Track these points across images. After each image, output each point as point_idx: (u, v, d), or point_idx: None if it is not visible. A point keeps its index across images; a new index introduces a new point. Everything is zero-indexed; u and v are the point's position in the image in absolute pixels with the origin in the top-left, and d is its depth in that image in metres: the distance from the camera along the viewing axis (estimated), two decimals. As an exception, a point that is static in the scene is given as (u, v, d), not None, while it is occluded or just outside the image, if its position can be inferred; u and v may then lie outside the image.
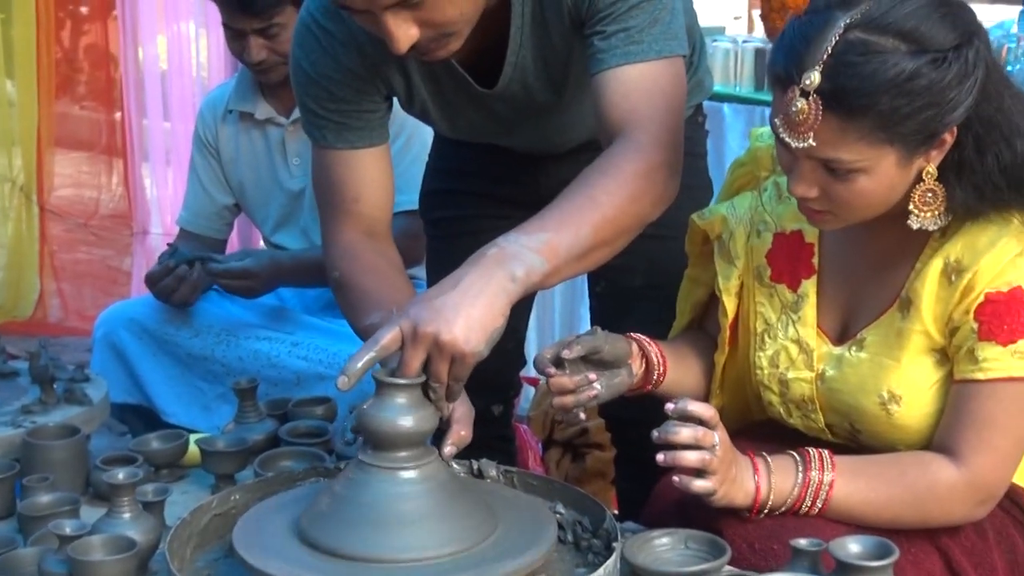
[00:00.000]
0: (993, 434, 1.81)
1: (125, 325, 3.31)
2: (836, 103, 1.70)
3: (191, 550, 1.87)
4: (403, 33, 1.90)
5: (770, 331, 2.05)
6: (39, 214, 5.74)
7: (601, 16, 2.02)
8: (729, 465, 1.78)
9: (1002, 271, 1.80)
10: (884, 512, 1.82)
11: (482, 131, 2.38)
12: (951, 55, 1.70)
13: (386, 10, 1.86)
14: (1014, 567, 1.87)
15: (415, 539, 1.70)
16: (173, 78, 5.40)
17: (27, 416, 2.40)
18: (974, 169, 1.79)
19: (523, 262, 1.80)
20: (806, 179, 1.80)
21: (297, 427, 2.34)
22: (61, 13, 5.72)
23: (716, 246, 2.13)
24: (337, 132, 2.24)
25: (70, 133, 5.97)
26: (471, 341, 1.72)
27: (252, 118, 3.34)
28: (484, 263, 1.79)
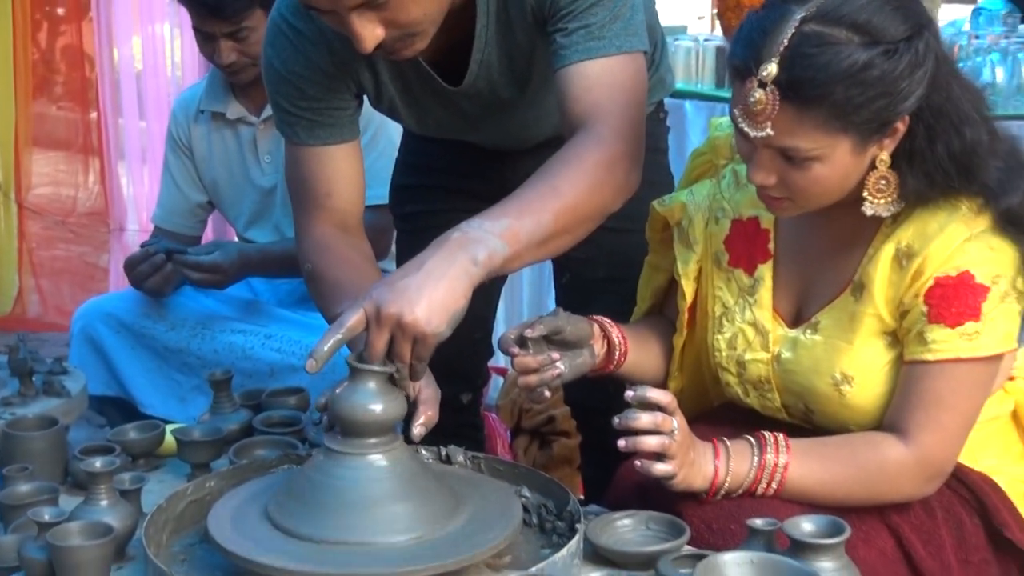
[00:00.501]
0: (941, 413, 1.83)
1: (102, 319, 3.31)
2: (792, 93, 1.72)
3: (167, 535, 1.88)
4: (369, 33, 1.90)
5: (728, 314, 2.07)
6: (17, 212, 5.71)
7: (563, 13, 2.03)
8: (687, 449, 1.80)
9: (951, 256, 1.82)
10: (837, 491, 1.85)
11: (449, 127, 2.38)
12: (902, 46, 1.72)
13: (351, 11, 1.87)
14: (961, 543, 1.89)
15: (383, 522, 1.72)
16: (148, 78, 5.38)
17: (7, 408, 2.41)
18: (925, 157, 1.81)
19: (485, 246, 1.81)
20: (764, 167, 1.82)
21: (270, 417, 2.34)
22: (37, 15, 5.69)
23: (676, 232, 2.14)
24: (309, 129, 2.25)
25: (47, 133, 5.94)
26: (433, 322, 1.73)
27: (224, 118, 3.34)
28: (447, 247, 1.80)
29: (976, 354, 1.83)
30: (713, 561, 1.62)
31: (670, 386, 2.15)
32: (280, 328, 3.23)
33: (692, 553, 1.73)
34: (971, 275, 1.82)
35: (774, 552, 1.65)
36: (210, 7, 3.06)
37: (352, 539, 1.70)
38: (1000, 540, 1.92)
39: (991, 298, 1.82)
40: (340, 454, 1.76)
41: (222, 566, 1.76)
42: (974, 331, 1.81)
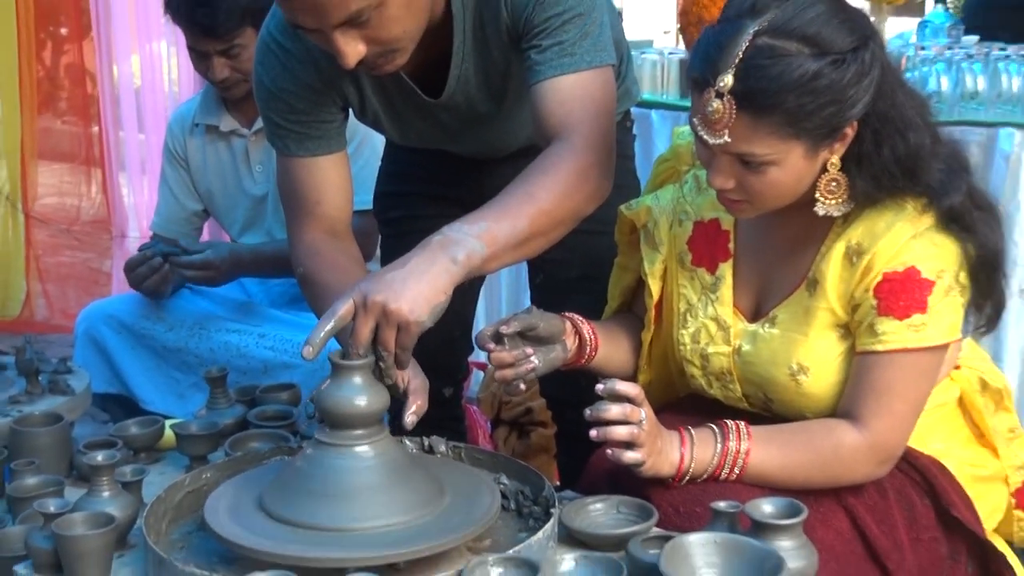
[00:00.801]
0: (891, 400, 1.84)
1: (105, 321, 3.30)
2: (748, 102, 1.72)
3: (166, 524, 1.88)
4: (351, 49, 1.91)
5: (691, 310, 2.07)
6: (25, 221, 5.69)
7: (536, 31, 2.03)
8: (655, 438, 1.80)
9: (898, 252, 1.83)
10: (796, 474, 1.85)
11: (429, 138, 2.38)
12: (849, 56, 1.73)
13: (335, 29, 1.87)
14: (912, 522, 1.90)
15: (369, 509, 1.71)
16: (146, 94, 5.37)
17: (15, 406, 2.39)
18: (872, 160, 1.82)
19: (464, 247, 1.82)
20: (723, 172, 1.82)
21: (264, 411, 2.34)
22: (42, 34, 5.66)
23: (642, 234, 2.15)
24: (298, 141, 2.24)
25: (52, 146, 5.92)
26: (415, 311, 1.74)
27: (217, 130, 3.33)
28: (430, 247, 1.82)
29: (923, 344, 1.83)
30: (680, 542, 1.62)
31: (639, 379, 2.16)
32: (273, 328, 3.22)
33: (660, 535, 1.73)
34: (917, 270, 1.82)
35: (737, 533, 1.65)
36: (203, 27, 3.05)
37: (341, 525, 1.70)
38: (949, 519, 1.93)
39: (936, 292, 1.82)
40: (328, 446, 1.76)
41: (218, 552, 1.76)
42: (921, 323, 1.82)
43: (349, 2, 1.85)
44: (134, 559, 1.80)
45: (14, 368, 2.57)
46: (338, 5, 1.85)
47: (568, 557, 1.73)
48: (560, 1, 2.02)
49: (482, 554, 1.70)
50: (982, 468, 2.03)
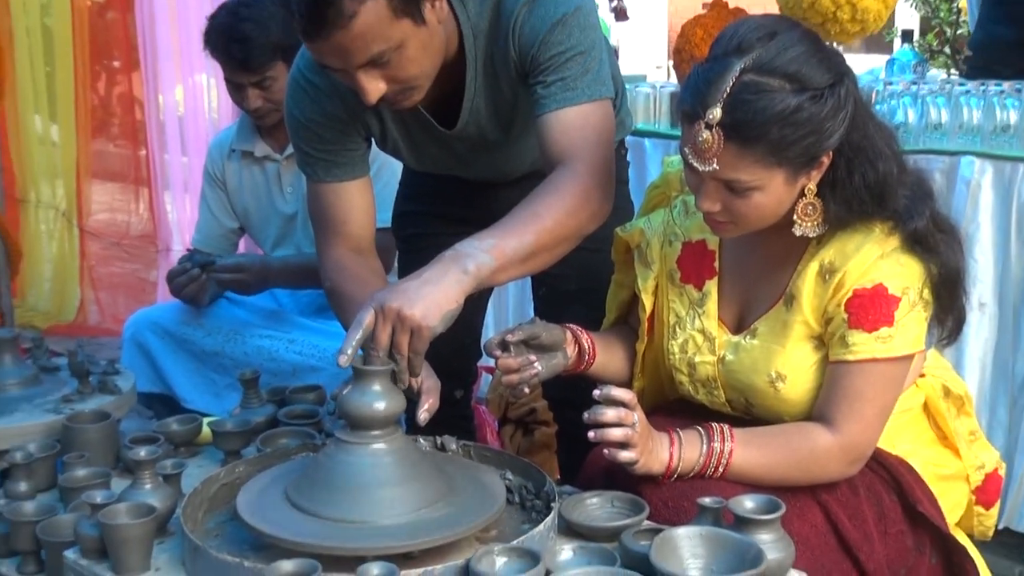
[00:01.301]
0: (862, 405, 1.83)
1: (150, 327, 3.29)
2: (735, 134, 1.72)
3: (202, 514, 1.87)
4: (373, 87, 1.92)
5: (680, 323, 2.06)
6: (79, 235, 5.70)
7: (542, 68, 2.03)
8: (647, 439, 1.79)
9: (867, 271, 1.82)
10: (774, 472, 1.84)
11: (443, 164, 2.38)
12: (827, 92, 1.73)
13: (358, 69, 1.89)
14: (881, 517, 1.89)
15: (385, 502, 1.71)
16: (189, 120, 5.37)
17: (67, 404, 2.39)
18: (845, 186, 1.81)
19: (475, 259, 1.83)
20: (711, 196, 1.81)
21: (293, 410, 2.33)
22: (96, 66, 5.68)
23: (636, 254, 2.14)
24: (326, 169, 2.24)
25: (104, 167, 5.94)
26: (428, 317, 1.75)
27: (252, 156, 3.33)
28: (443, 260, 1.83)
29: (890, 354, 1.83)
30: (669, 535, 1.61)
31: (634, 385, 2.15)
32: (301, 334, 3.21)
33: (651, 527, 1.73)
34: (884, 287, 1.82)
35: (720, 527, 1.65)
36: (238, 61, 3.05)
37: (360, 517, 1.69)
38: (914, 514, 1.92)
39: (902, 306, 1.82)
40: (350, 444, 1.76)
41: (249, 540, 1.76)
42: (888, 335, 1.81)
43: (371, 45, 1.86)
44: (172, 546, 1.79)
45: (67, 369, 2.58)
46: (361, 48, 1.86)
47: (567, 547, 1.73)
48: (563, 40, 2.01)
49: (489, 544, 1.69)
50: (945, 468, 2.02)
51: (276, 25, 3.00)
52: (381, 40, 1.87)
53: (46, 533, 1.84)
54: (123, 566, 1.70)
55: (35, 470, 2.10)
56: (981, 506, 2.10)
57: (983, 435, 2.14)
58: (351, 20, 1.82)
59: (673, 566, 1.55)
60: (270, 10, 3.04)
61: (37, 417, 2.34)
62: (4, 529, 1.94)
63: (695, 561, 1.60)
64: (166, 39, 5.24)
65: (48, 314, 5.74)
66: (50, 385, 2.52)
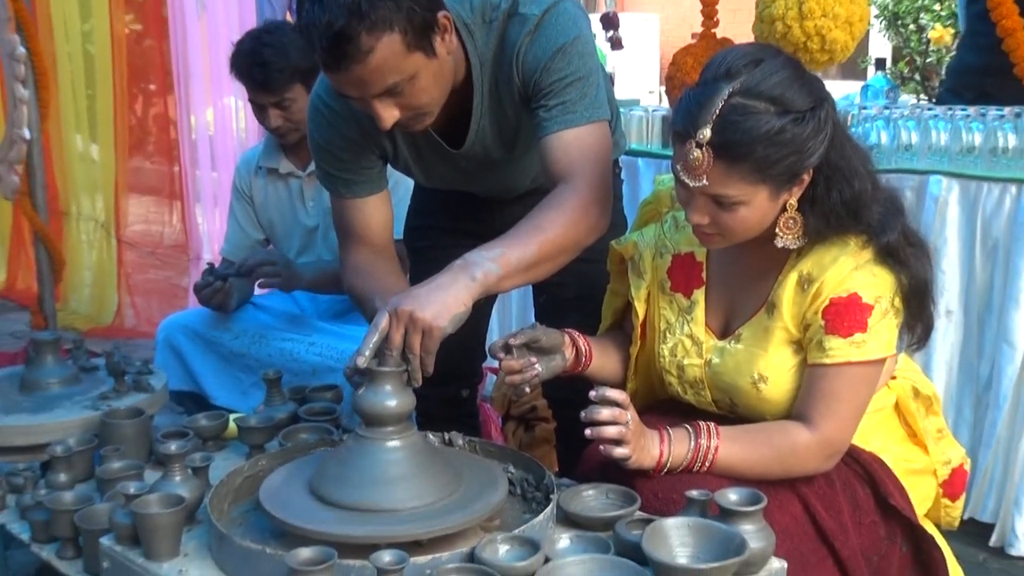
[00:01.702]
0: (837, 405, 1.83)
1: (181, 330, 3.29)
2: (723, 152, 1.72)
3: (228, 504, 1.87)
4: (388, 114, 1.93)
5: (670, 329, 2.06)
6: (117, 245, 5.70)
7: (544, 93, 2.03)
8: (639, 436, 1.79)
9: (842, 281, 1.82)
10: (756, 467, 1.83)
11: (451, 180, 2.37)
12: (808, 114, 1.73)
13: (374, 98, 1.90)
14: (855, 508, 1.88)
15: (399, 493, 1.71)
16: (219, 139, 5.37)
17: (104, 401, 2.39)
18: (823, 202, 1.81)
19: (482, 267, 1.83)
20: (700, 210, 1.81)
21: (312, 408, 2.33)
22: (134, 89, 5.68)
23: (629, 265, 2.14)
24: (346, 186, 2.24)
25: (140, 182, 5.94)
26: (438, 318, 1.76)
27: (277, 172, 3.33)
28: (452, 268, 1.84)
29: (864, 358, 1.82)
30: (659, 525, 1.61)
31: (627, 387, 2.14)
32: (321, 337, 3.20)
33: (642, 518, 1.73)
34: (859, 296, 1.81)
35: (707, 517, 1.65)
36: (258, 83, 3.05)
37: (374, 506, 1.70)
38: (886, 506, 1.91)
39: (875, 314, 1.81)
40: (365, 439, 1.76)
41: (270, 528, 1.76)
42: (862, 340, 1.81)
43: (386, 77, 1.86)
44: (200, 533, 1.79)
45: (105, 369, 2.59)
46: (377, 80, 1.86)
47: (564, 536, 1.73)
48: (563, 67, 2.01)
49: (492, 533, 1.69)
50: (914, 463, 2.01)
51: (295, 50, 3.01)
52: (396, 72, 1.87)
53: (84, 521, 1.84)
54: (154, 552, 1.70)
55: (74, 462, 2.10)
56: (948, 499, 2.09)
57: (950, 433, 2.13)
58: (368, 55, 1.82)
59: (663, 554, 1.55)
60: (289, 37, 3.06)
61: (76, 413, 2.34)
62: (45, 517, 1.95)
63: (683, 549, 1.60)
64: (198, 65, 5.25)
65: (88, 317, 5.75)
66: (89, 383, 2.53)
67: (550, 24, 2.01)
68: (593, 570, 1.57)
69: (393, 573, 1.44)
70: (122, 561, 1.73)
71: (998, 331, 2.99)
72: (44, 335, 2.54)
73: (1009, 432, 2.99)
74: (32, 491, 2.05)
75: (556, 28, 2.02)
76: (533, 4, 2.03)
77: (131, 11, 5.59)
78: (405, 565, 1.45)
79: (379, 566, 1.45)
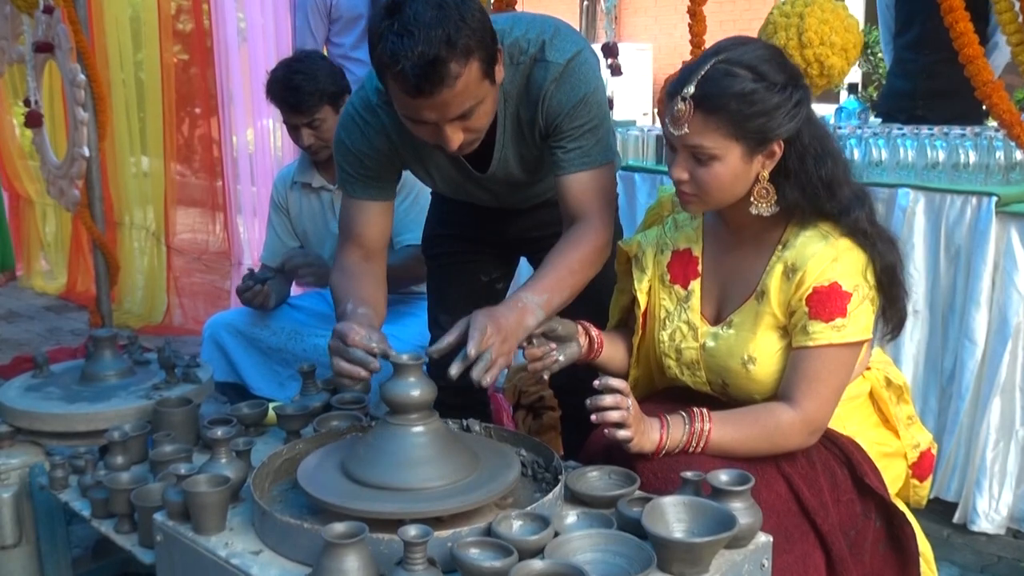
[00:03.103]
0: (819, 385, 1.82)
1: (225, 328, 3.29)
2: (702, 103, 1.77)
3: (268, 483, 1.87)
4: (456, 137, 1.91)
5: (669, 317, 2.05)
6: (166, 252, 5.72)
7: (562, 136, 2.05)
8: (639, 422, 1.78)
9: (823, 271, 1.82)
10: (746, 445, 1.82)
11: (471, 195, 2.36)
12: (780, 87, 1.77)
13: (448, 122, 1.88)
14: (834, 486, 1.87)
15: (423, 474, 1.70)
16: (258, 157, 5.38)
17: (156, 391, 2.40)
18: (798, 174, 1.83)
19: (535, 316, 1.91)
20: (680, 166, 1.84)
21: (343, 397, 2.32)
22: (181, 112, 5.70)
23: (633, 261, 2.13)
24: (361, 188, 2.21)
25: (188, 195, 5.96)
26: (512, 350, 1.86)
27: (310, 187, 3.33)
28: (518, 311, 1.89)
29: (843, 340, 1.81)
30: (657, 502, 1.60)
31: (630, 374, 2.14)
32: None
33: (642, 496, 1.72)
34: (839, 285, 1.81)
35: (700, 496, 1.63)
36: (291, 105, 3.07)
37: (401, 485, 1.69)
38: (862, 485, 1.90)
39: (853, 301, 1.81)
40: (392, 425, 1.75)
41: (307, 505, 1.75)
42: (842, 324, 1.80)
43: (465, 101, 1.85)
44: (244, 510, 1.78)
45: (156, 363, 2.58)
46: (458, 104, 1.85)
47: (571, 513, 1.72)
48: (583, 115, 2.04)
49: (507, 510, 1.68)
50: (887, 446, 2.00)
51: (323, 76, 3.04)
52: (472, 97, 1.85)
53: (139, 499, 1.84)
54: (202, 527, 1.70)
55: (130, 446, 2.10)
56: (916, 479, 2.08)
57: (918, 419, 2.12)
58: (456, 80, 1.79)
59: (661, 529, 1.54)
60: (319, 64, 3.10)
61: (131, 402, 2.34)
62: (104, 495, 1.95)
63: (679, 525, 1.59)
64: (239, 90, 5.26)
65: (140, 316, 5.76)
66: (142, 376, 2.53)
67: (573, 74, 2.02)
68: (598, 543, 1.56)
69: (418, 546, 1.43)
70: (173, 535, 1.73)
71: (960, 329, 2.98)
72: (102, 332, 2.54)
73: (970, 420, 2.98)
74: (92, 472, 2.05)
75: (579, 78, 2.03)
76: (558, 52, 2.03)
77: (179, 42, 5.61)
78: (429, 539, 1.45)
79: (405, 539, 1.44)
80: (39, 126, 4.75)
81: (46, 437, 2.28)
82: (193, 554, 1.69)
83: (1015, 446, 2.94)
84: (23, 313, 6.15)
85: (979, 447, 2.95)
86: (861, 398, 2.01)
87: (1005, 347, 2.88)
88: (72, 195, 4.65)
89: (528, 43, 2.04)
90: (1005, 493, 2.95)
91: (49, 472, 2.12)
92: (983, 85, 2.77)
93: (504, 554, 1.48)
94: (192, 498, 1.69)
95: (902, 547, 1.96)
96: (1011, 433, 2.94)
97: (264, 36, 5.17)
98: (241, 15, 5.22)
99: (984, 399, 2.93)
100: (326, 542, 1.44)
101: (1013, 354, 2.89)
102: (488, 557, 1.49)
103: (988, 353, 2.93)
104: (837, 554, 1.82)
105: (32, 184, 6.85)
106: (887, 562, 1.96)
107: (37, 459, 2.23)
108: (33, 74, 4.69)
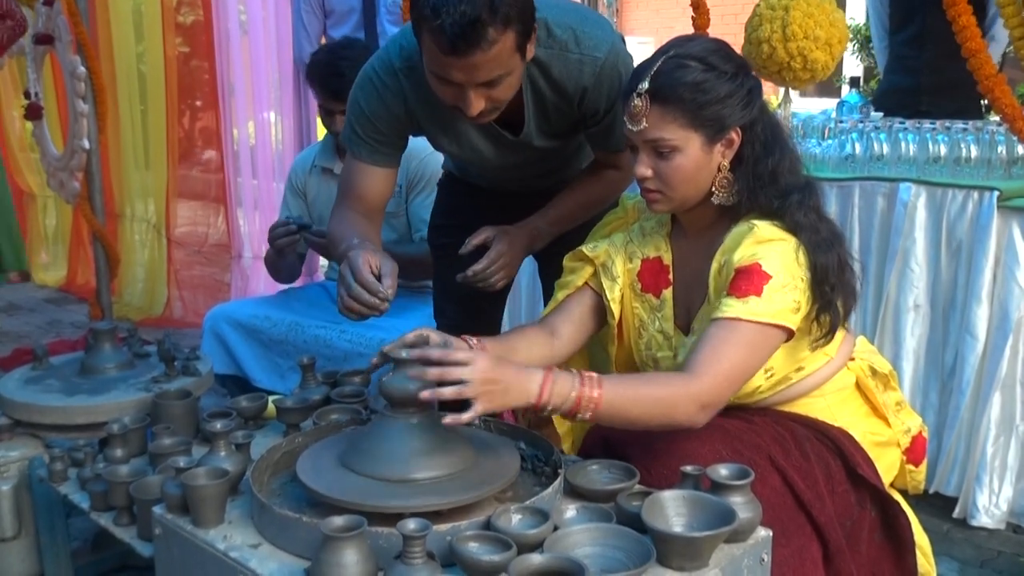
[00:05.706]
0: (719, 360, 1.73)
1: (225, 320, 3.29)
2: (657, 96, 1.80)
3: (268, 476, 1.86)
4: (478, 103, 1.93)
5: (644, 326, 2.04)
6: (166, 244, 5.71)
7: (599, 119, 2.18)
8: (493, 382, 1.63)
9: (747, 253, 1.79)
10: (634, 411, 1.70)
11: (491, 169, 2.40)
12: (729, 76, 1.81)
13: (474, 87, 1.89)
14: (829, 478, 1.86)
15: (422, 466, 1.70)
16: (258, 150, 5.36)
17: (156, 384, 2.39)
18: (749, 164, 1.85)
19: (542, 237, 2.27)
20: (644, 162, 1.85)
21: (343, 390, 2.32)
22: (182, 105, 5.69)
23: (602, 270, 2.08)
24: (368, 151, 2.22)
25: (189, 188, 5.94)
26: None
27: (331, 172, 3.33)
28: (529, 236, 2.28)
29: (751, 317, 1.74)
30: (657, 497, 1.60)
31: None
32: (351, 326, 3.18)
33: (642, 491, 1.72)
34: (759, 265, 1.76)
35: (700, 491, 1.63)
36: (333, 91, 3.09)
37: (400, 479, 1.68)
38: (856, 476, 1.90)
39: (772, 284, 1.75)
40: (391, 418, 1.75)
41: (306, 499, 1.75)
42: (754, 301, 1.74)
43: (495, 69, 1.88)
44: (243, 503, 1.78)
45: (156, 355, 2.58)
46: (488, 70, 1.87)
47: (571, 507, 1.72)
48: (611, 99, 2.13)
49: (506, 503, 1.68)
50: (879, 435, 2.00)
51: None
52: (502, 66, 1.88)
53: (138, 492, 1.84)
54: (201, 519, 1.70)
55: (129, 439, 2.10)
56: (911, 464, 2.08)
57: (907, 404, 2.11)
58: (491, 46, 1.82)
59: (660, 523, 1.54)
60: (362, 52, 3.06)
61: (131, 395, 2.34)
62: (103, 488, 1.95)
63: (679, 519, 1.59)
64: (240, 83, 5.25)
65: (140, 309, 5.76)
66: (142, 368, 2.53)
67: (612, 69, 2.11)
68: (597, 538, 1.56)
69: (417, 540, 1.43)
70: (172, 528, 1.73)
71: (961, 323, 2.98)
72: (102, 325, 2.54)
73: (971, 415, 2.98)
74: (91, 465, 2.05)
75: (617, 72, 2.12)
76: (592, 45, 2.08)
77: (180, 35, 5.60)
78: (428, 532, 1.44)
79: (404, 533, 1.44)
80: (39, 118, 4.74)
81: (45, 429, 2.28)
82: (192, 547, 1.69)
83: (1015, 441, 2.94)
84: (23, 305, 6.15)
85: (979, 442, 2.94)
86: (848, 389, 2.01)
87: (1006, 342, 2.87)
88: (72, 187, 4.64)
89: (559, 28, 2.07)
90: (1005, 488, 2.95)
91: (48, 465, 2.12)
92: (986, 79, 2.77)
93: (503, 548, 1.48)
94: (191, 491, 1.69)
95: (897, 536, 1.96)
96: (1011, 428, 2.94)
97: (265, 29, 5.16)
98: (242, 8, 5.21)
99: (985, 394, 2.93)
100: (325, 535, 1.44)
101: (1014, 349, 2.89)
102: (487, 551, 1.49)
103: (989, 348, 2.93)
104: (835, 546, 1.82)
105: (33, 176, 6.85)
106: (883, 551, 1.96)
107: (36, 452, 2.23)
108: (33, 66, 4.68)
